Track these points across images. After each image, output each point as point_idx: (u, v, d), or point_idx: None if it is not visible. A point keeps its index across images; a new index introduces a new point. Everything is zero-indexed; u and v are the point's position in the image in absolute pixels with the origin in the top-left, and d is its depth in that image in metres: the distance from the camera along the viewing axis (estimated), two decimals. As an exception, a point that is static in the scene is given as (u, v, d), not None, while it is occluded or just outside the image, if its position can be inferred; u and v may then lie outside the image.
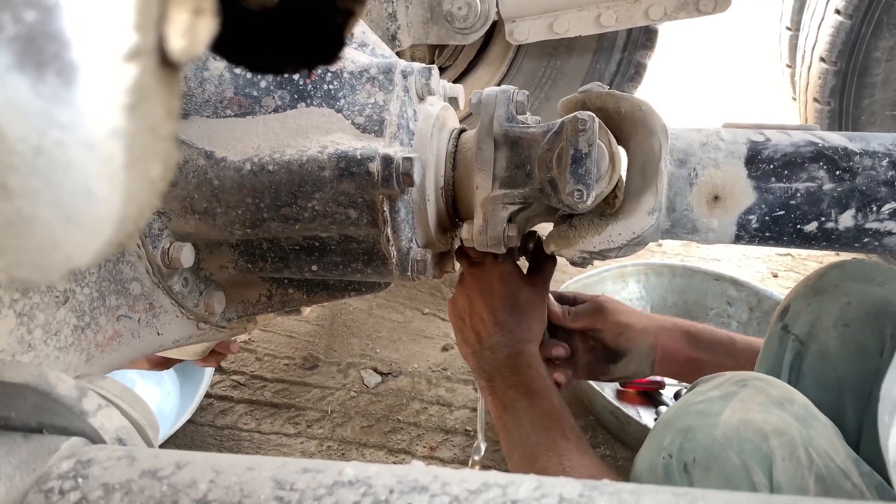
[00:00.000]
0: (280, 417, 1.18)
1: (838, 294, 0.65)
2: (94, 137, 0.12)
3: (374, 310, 1.42)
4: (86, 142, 0.12)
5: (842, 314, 0.63)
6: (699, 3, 1.03)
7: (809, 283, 0.69)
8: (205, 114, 0.63)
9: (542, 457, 0.57)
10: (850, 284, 0.65)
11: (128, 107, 0.13)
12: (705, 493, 0.22)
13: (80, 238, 0.13)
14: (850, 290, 0.64)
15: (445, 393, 1.22)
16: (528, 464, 0.57)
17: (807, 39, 1.24)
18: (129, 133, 0.13)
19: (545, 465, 0.55)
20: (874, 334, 0.61)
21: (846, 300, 0.64)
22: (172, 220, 0.61)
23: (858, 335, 0.62)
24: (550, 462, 0.55)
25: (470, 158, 0.64)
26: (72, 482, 0.28)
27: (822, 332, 0.64)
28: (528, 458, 0.58)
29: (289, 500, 0.25)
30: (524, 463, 0.57)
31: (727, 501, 0.21)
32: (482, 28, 1.12)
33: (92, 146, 0.12)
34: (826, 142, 0.58)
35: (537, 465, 0.55)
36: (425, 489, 0.24)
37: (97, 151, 0.12)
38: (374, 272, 0.63)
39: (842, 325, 0.63)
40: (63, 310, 0.54)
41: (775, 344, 0.67)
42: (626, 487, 0.22)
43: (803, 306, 0.67)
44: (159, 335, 0.64)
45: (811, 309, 0.65)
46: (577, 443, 0.59)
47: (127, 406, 0.35)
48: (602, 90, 0.63)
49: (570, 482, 0.23)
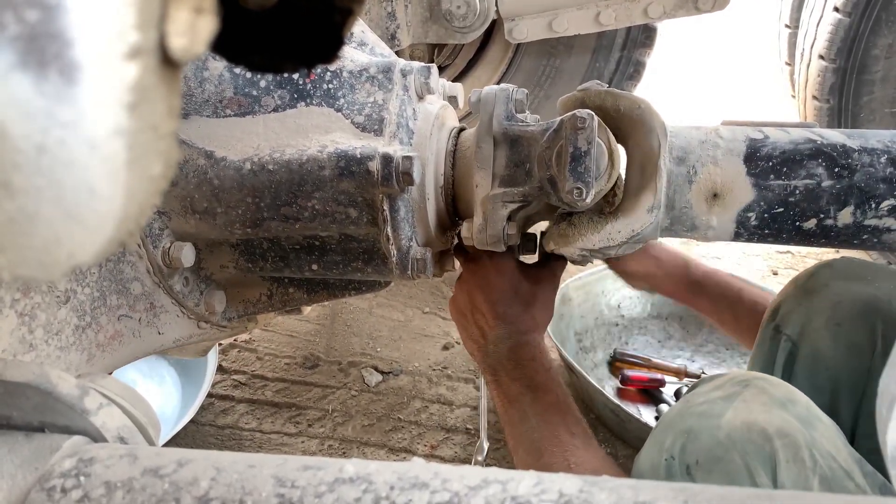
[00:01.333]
0: (281, 417, 1.18)
1: (828, 293, 0.65)
2: (96, 136, 0.12)
3: (375, 309, 1.42)
4: (88, 140, 0.12)
5: (833, 314, 0.63)
6: (698, 1, 1.03)
7: (799, 282, 0.69)
8: (205, 114, 0.63)
9: (547, 452, 0.56)
10: (840, 283, 0.65)
11: (129, 105, 0.13)
12: (704, 487, 0.22)
13: (82, 235, 0.13)
14: (840, 289, 0.65)
15: (446, 391, 1.22)
16: (534, 458, 0.57)
17: (805, 37, 1.24)
18: (131, 131, 0.13)
19: (550, 460, 0.55)
20: (866, 333, 0.61)
21: (837, 299, 0.64)
22: (173, 219, 0.61)
23: (850, 334, 0.62)
24: (555, 457, 0.55)
25: (469, 157, 0.64)
26: (74, 480, 0.28)
27: (814, 332, 0.64)
28: (533, 452, 0.58)
29: (290, 497, 0.25)
30: (529, 457, 0.57)
31: (725, 496, 0.22)
32: (481, 27, 1.12)
33: (94, 144, 0.12)
34: (824, 139, 0.58)
35: (542, 460, 0.55)
36: (426, 486, 0.24)
37: (99, 150, 0.12)
38: (374, 271, 0.63)
39: (833, 324, 0.63)
40: (64, 309, 0.54)
41: (767, 345, 0.68)
42: (625, 483, 0.23)
43: (794, 306, 0.67)
44: (160, 335, 0.64)
45: (802, 309, 0.66)
46: (582, 437, 0.58)
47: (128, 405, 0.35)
48: (601, 88, 0.63)
49: (570, 478, 0.23)
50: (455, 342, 1.32)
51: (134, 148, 0.12)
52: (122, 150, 0.12)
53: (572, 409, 0.61)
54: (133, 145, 0.12)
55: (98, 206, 0.12)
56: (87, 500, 0.27)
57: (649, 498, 0.21)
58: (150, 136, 0.13)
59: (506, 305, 0.67)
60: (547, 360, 0.65)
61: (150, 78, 0.14)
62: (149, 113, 0.14)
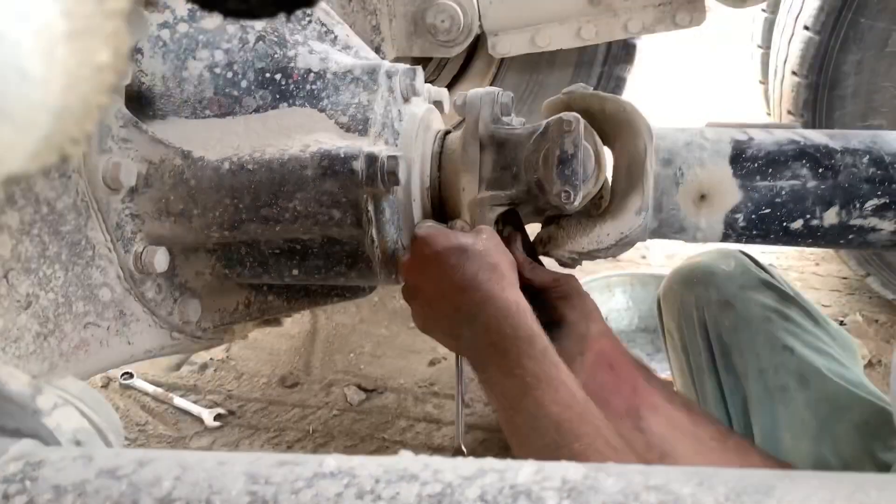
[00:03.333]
0: (259, 438, 1.13)
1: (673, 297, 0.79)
2: (28, 2, 0.10)
3: (358, 324, 1.39)
4: (18, 9, 0.09)
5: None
6: (676, 17, 1.06)
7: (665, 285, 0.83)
8: (183, 114, 0.61)
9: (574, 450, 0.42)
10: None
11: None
12: (717, 470, 0.21)
13: (9, 132, 0.10)
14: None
15: (433, 409, 1.19)
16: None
17: (778, 54, 1.29)
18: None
19: (582, 451, 0.42)
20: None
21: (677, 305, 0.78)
22: (146, 222, 0.59)
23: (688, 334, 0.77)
24: (590, 451, 0.42)
25: (456, 160, 0.63)
26: (18, 485, 0.25)
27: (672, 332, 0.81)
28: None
29: (263, 494, 0.22)
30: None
31: (741, 476, 0.20)
32: (465, 41, 1.13)
33: (25, 14, 0.10)
34: (808, 140, 0.59)
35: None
36: (415, 477, 0.22)
37: (31, 20, 0.10)
38: (359, 275, 0.61)
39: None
40: (24, 315, 0.50)
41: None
42: (635, 468, 0.21)
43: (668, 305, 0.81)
44: (130, 345, 0.61)
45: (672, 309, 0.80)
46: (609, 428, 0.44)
47: (87, 407, 0.32)
48: (586, 91, 0.63)
49: (573, 465, 0.21)
50: (442, 357, 1.29)
51: (74, 19, 0.10)
52: (60, 19, 0.10)
53: (590, 403, 0.46)
54: (72, 14, 0.10)
55: (29, 93, 0.10)
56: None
57: (661, 481, 0.19)
58: (93, 8, 0.11)
59: (453, 272, 0.53)
60: (530, 327, 0.50)
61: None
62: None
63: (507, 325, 0.50)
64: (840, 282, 1.56)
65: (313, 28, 0.65)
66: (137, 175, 0.57)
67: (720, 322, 0.74)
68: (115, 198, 0.57)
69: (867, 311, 1.44)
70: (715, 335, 0.74)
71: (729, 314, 0.73)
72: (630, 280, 1.32)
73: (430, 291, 0.55)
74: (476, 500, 0.21)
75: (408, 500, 0.21)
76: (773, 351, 0.69)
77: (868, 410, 0.63)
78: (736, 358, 0.72)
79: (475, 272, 0.52)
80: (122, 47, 0.12)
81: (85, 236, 0.56)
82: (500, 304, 0.51)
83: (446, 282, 0.53)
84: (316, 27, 0.65)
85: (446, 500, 0.21)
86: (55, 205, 0.53)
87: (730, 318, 0.73)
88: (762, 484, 0.20)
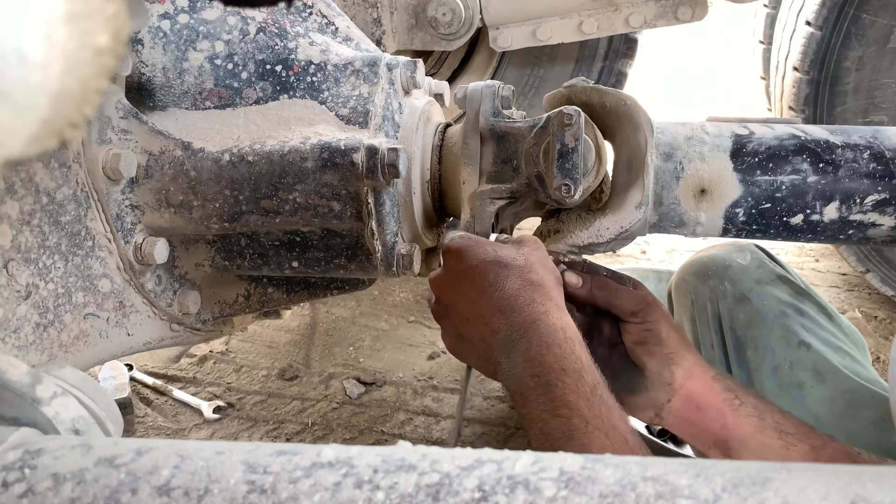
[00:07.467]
0: (258, 431, 1.14)
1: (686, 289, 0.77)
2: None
3: (358, 318, 1.39)
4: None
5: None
6: (677, 12, 1.06)
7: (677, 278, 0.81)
8: (184, 105, 0.61)
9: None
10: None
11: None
12: (716, 462, 0.21)
13: (8, 115, 0.10)
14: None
15: (432, 403, 1.19)
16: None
17: (780, 50, 1.28)
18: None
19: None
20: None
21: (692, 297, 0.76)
22: (146, 213, 0.59)
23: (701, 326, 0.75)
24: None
25: (456, 153, 0.63)
26: (17, 473, 0.25)
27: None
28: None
29: (261, 483, 0.22)
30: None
31: (737, 469, 0.20)
32: (466, 34, 1.13)
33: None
34: (808, 135, 0.59)
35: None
36: (413, 468, 0.22)
37: (30, 1, 0.10)
38: (358, 268, 0.61)
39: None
40: (24, 305, 0.50)
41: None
42: (632, 459, 0.21)
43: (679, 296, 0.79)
44: (129, 336, 0.61)
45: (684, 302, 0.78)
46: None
47: (86, 396, 0.32)
48: (587, 84, 0.63)
49: (570, 456, 0.22)
50: (441, 351, 1.30)
51: (74, 1, 0.10)
52: (59, 1, 0.10)
53: (636, 434, 0.41)
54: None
55: (28, 75, 0.10)
56: (32, 494, 0.24)
57: (659, 472, 0.19)
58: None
59: (495, 287, 0.47)
60: (577, 354, 0.44)
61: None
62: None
63: (551, 354, 0.43)
64: (839, 278, 1.56)
65: (314, 20, 0.65)
66: (137, 166, 0.57)
67: (735, 316, 0.71)
68: (115, 188, 0.57)
69: (866, 307, 1.44)
70: (729, 329, 0.72)
71: (744, 308, 0.71)
72: (630, 275, 1.32)
73: (464, 311, 0.49)
74: (474, 490, 0.21)
75: (405, 490, 0.21)
76: (788, 346, 0.68)
77: (884, 407, 0.61)
78: (750, 353, 0.70)
79: (516, 291, 0.46)
80: (121, 31, 0.12)
81: (85, 227, 0.56)
82: (545, 331, 0.44)
83: (483, 301, 0.47)
84: (317, 19, 0.65)
85: (444, 490, 0.21)
86: (55, 195, 0.53)
87: (745, 312, 0.71)
88: (759, 475, 0.20)
